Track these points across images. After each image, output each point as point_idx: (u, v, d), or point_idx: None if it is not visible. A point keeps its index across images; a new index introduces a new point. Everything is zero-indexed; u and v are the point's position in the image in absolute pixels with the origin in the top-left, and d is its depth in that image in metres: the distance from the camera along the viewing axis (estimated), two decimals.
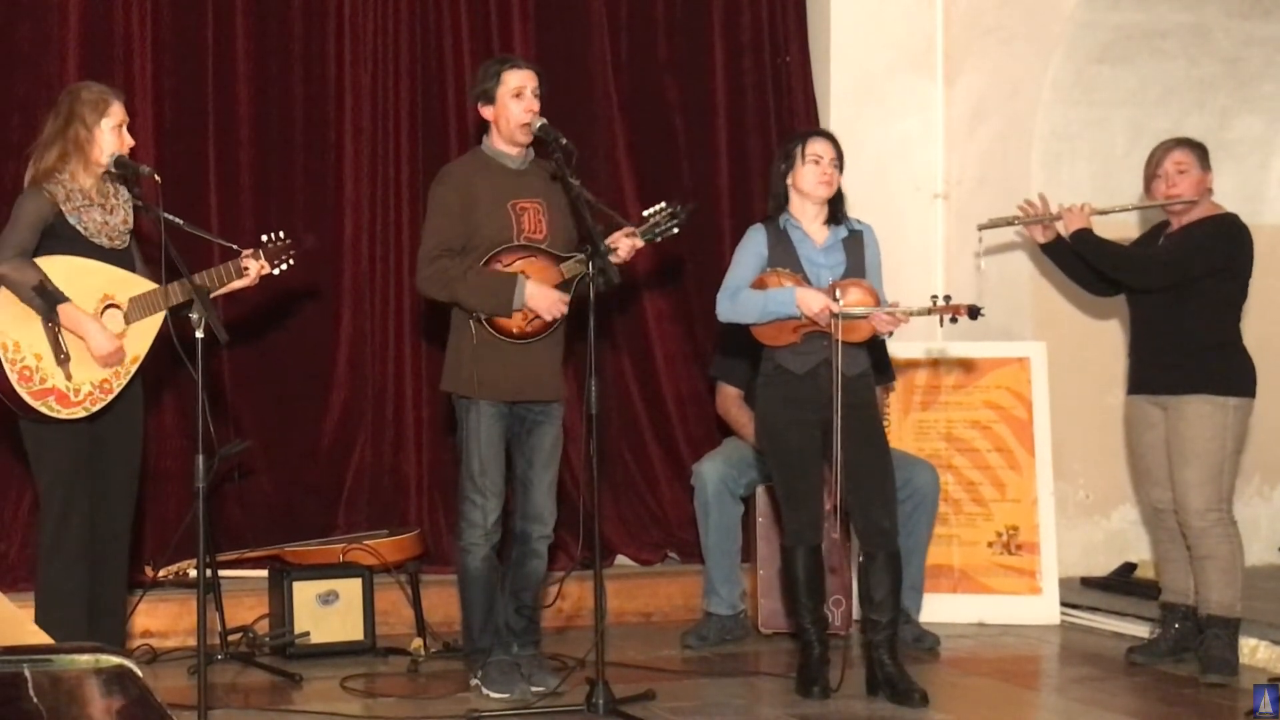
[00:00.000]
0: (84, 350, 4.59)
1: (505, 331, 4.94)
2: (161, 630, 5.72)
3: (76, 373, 4.58)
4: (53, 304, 4.52)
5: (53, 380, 4.56)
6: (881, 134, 6.94)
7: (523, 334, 4.95)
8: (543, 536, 5.09)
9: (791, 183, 5.03)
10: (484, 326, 4.94)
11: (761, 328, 4.97)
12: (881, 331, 4.91)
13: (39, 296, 4.51)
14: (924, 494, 5.91)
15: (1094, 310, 6.44)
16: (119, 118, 4.70)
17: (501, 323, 4.94)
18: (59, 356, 4.55)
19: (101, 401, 4.62)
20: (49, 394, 4.56)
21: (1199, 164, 5.35)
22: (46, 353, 4.56)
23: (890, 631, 5.01)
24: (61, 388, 4.57)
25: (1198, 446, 5.23)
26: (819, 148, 5.00)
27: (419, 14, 6.51)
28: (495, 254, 4.95)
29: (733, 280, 5.02)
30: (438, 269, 4.93)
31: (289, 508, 6.34)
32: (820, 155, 4.98)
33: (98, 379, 4.61)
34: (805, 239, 5.03)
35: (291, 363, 6.40)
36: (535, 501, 5.06)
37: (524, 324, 4.94)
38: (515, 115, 4.98)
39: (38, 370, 4.55)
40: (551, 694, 4.88)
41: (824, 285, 4.93)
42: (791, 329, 4.92)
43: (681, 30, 6.93)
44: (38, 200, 4.63)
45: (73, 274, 4.59)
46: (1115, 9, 6.25)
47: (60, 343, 4.56)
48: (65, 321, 4.54)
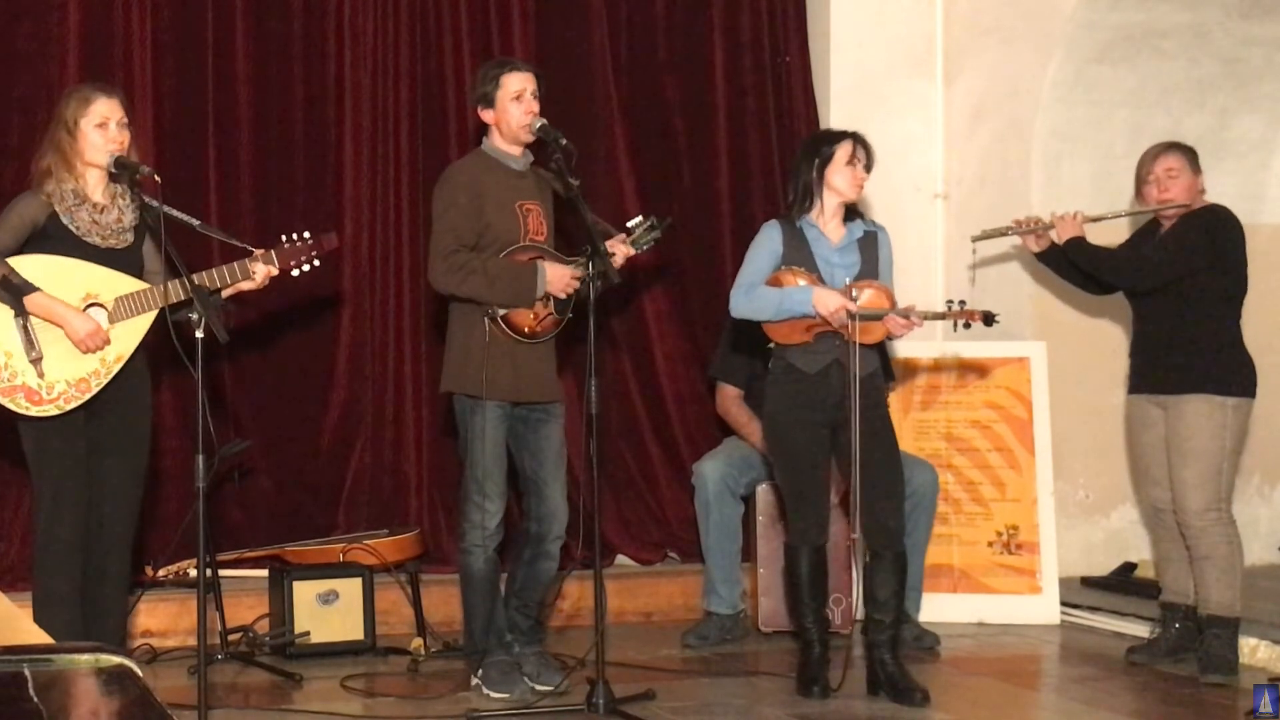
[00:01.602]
0: (61, 348, 4.55)
1: (518, 330, 4.94)
2: (161, 630, 5.72)
3: (50, 370, 4.54)
4: (19, 295, 4.49)
5: (22, 377, 4.54)
6: (881, 134, 6.87)
7: (533, 333, 4.96)
8: (557, 538, 5.09)
9: (825, 179, 4.99)
10: (499, 325, 4.93)
11: (775, 325, 4.97)
12: (896, 334, 4.92)
13: (4, 290, 4.49)
14: (924, 494, 5.92)
15: (1094, 310, 6.44)
16: (101, 115, 4.64)
17: (515, 321, 4.94)
18: (30, 354, 4.52)
19: (77, 400, 4.58)
20: (17, 390, 4.53)
21: (1189, 167, 5.35)
22: (17, 350, 4.53)
23: (893, 631, 5.01)
24: (32, 385, 4.54)
25: (1197, 446, 5.23)
26: (859, 150, 5.00)
27: (419, 14, 6.51)
28: (510, 253, 4.96)
29: (746, 276, 5.01)
30: (455, 262, 4.90)
31: (289, 508, 6.34)
32: (860, 158, 4.99)
33: (75, 377, 4.58)
34: (821, 238, 5.01)
35: (291, 363, 6.40)
36: (551, 501, 5.06)
37: (534, 323, 4.95)
38: (516, 118, 4.99)
39: (6, 367, 4.53)
40: (553, 693, 4.88)
41: (838, 285, 4.93)
42: (804, 328, 4.92)
43: (681, 30, 6.92)
44: (29, 202, 4.62)
45: (52, 272, 4.56)
46: (1115, 9, 6.25)
47: (32, 340, 4.52)
48: (34, 310, 4.51)
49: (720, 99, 6.94)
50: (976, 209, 6.58)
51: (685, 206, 6.79)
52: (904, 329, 4.87)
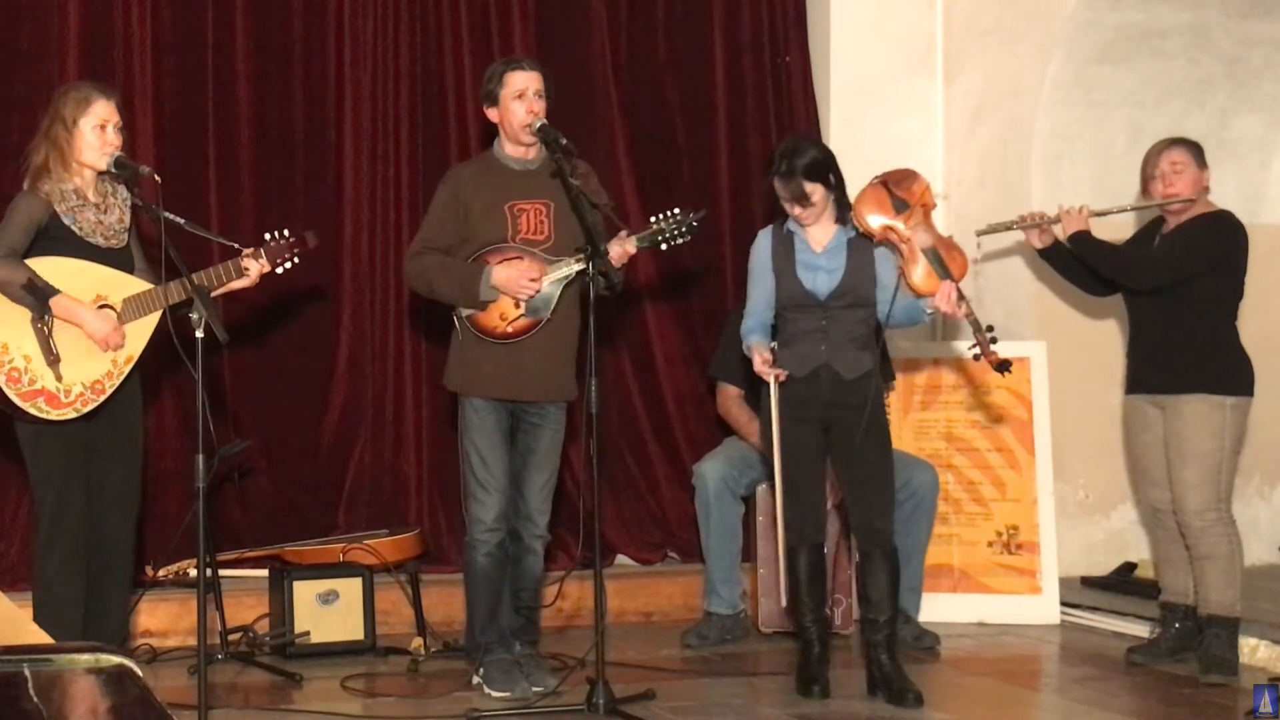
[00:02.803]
0: (76, 350, 4.56)
1: (487, 331, 4.94)
2: (161, 630, 5.72)
3: (67, 373, 4.56)
4: (44, 299, 4.50)
5: (42, 381, 4.54)
6: (881, 134, 6.93)
7: (504, 335, 4.94)
8: (536, 535, 5.10)
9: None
10: (467, 326, 4.95)
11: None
12: (941, 307, 4.85)
13: (29, 294, 4.49)
14: (923, 494, 5.91)
15: (1094, 310, 6.44)
16: (100, 117, 4.65)
17: (482, 323, 4.95)
18: (48, 357, 4.53)
19: (93, 402, 4.60)
20: (38, 395, 4.54)
21: (1195, 162, 5.35)
22: (36, 353, 4.54)
23: (888, 631, 5.00)
24: (51, 388, 4.55)
25: (1196, 446, 5.23)
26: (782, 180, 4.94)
27: (419, 14, 6.51)
28: (481, 254, 4.95)
29: (750, 305, 5.03)
30: (417, 264, 5.01)
31: (289, 508, 6.34)
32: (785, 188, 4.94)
33: (89, 379, 4.59)
34: (804, 243, 5.02)
35: (291, 363, 6.40)
36: (527, 501, 5.07)
37: (503, 324, 4.93)
38: (517, 117, 4.99)
39: (26, 371, 4.53)
40: (551, 694, 4.88)
41: (819, 290, 4.92)
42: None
43: (681, 30, 6.93)
44: (32, 201, 4.62)
45: (63, 275, 4.57)
46: (1115, 9, 6.25)
47: (50, 344, 4.53)
48: (59, 312, 4.52)
49: (720, 99, 6.94)
50: (977, 209, 6.58)
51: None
52: (948, 305, 4.81)
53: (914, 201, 4.93)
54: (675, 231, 5.00)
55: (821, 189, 4.94)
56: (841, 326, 4.94)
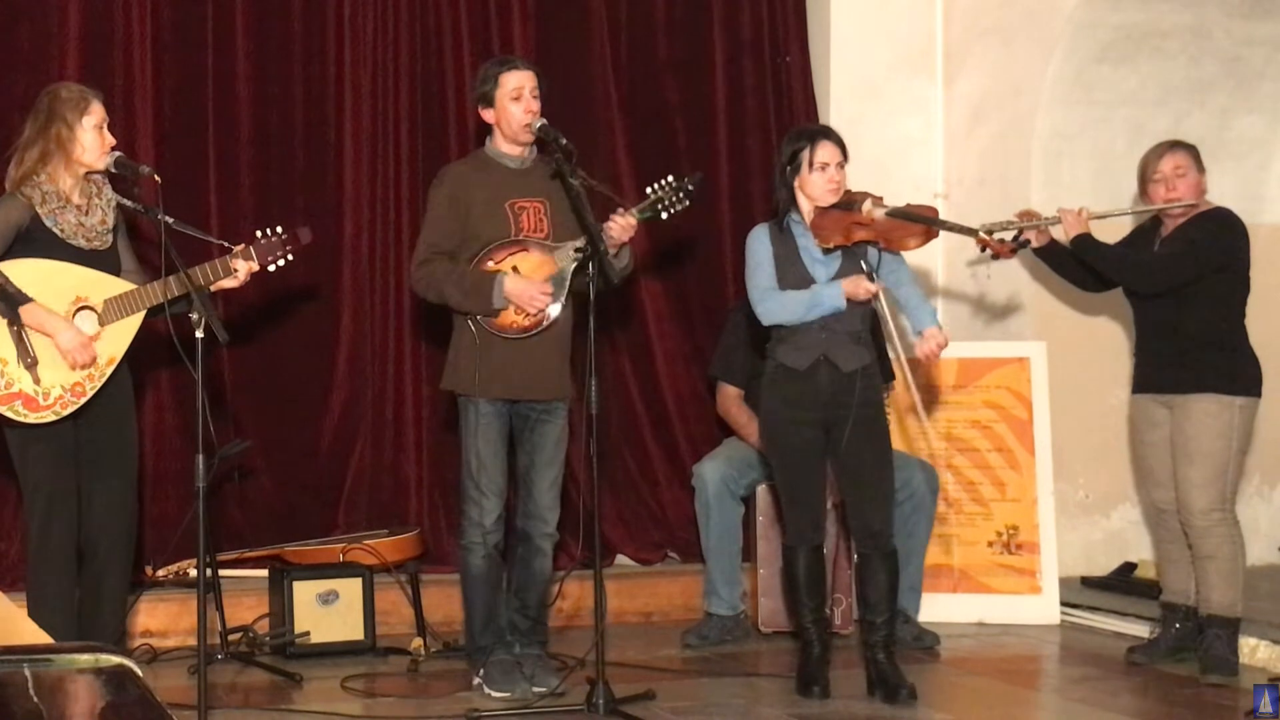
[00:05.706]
0: (54, 352, 4.53)
1: (502, 328, 4.94)
2: (161, 630, 5.72)
3: (45, 375, 4.52)
4: (14, 305, 4.47)
5: (19, 384, 4.51)
6: (881, 134, 6.93)
7: (520, 330, 4.95)
8: (546, 535, 5.10)
9: (799, 187, 5.00)
10: (481, 324, 4.94)
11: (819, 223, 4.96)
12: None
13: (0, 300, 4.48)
14: (922, 494, 5.91)
15: (1094, 310, 6.44)
16: (100, 117, 4.66)
17: (497, 319, 4.94)
18: (25, 360, 4.49)
19: (73, 405, 4.57)
20: (15, 398, 4.51)
21: (1195, 166, 5.35)
22: (12, 357, 4.50)
23: (886, 631, 5.00)
24: (29, 391, 4.52)
25: (1203, 446, 5.22)
26: (825, 154, 4.94)
27: (419, 14, 6.51)
28: (487, 251, 4.96)
29: (760, 284, 4.98)
30: (426, 272, 4.98)
31: (289, 508, 6.34)
32: (827, 162, 4.94)
33: (69, 382, 4.56)
34: (807, 235, 5.00)
35: (291, 363, 6.40)
36: (536, 499, 5.07)
37: (519, 319, 4.94)
38: (515, 117, 4.99)
39: (2, 375, 4.50)
40: (552, 694, 4.88)
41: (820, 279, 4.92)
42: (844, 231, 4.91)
43: (681, 30, 6.92)
44: (12, 206, 4.60)
45: (42, 277, 4.55)
46: (1115, 9, 6.25)
47: (27, 346, 4.49)
48: (29, 321, 4.49)
49: (720, 99, 6.94)
50: (976, 209, 6.56)
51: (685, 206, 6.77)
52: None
53: (856, 196, 4.95)
54: (673, 198, 5.00)
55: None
56: (840, 320, 4.93)
